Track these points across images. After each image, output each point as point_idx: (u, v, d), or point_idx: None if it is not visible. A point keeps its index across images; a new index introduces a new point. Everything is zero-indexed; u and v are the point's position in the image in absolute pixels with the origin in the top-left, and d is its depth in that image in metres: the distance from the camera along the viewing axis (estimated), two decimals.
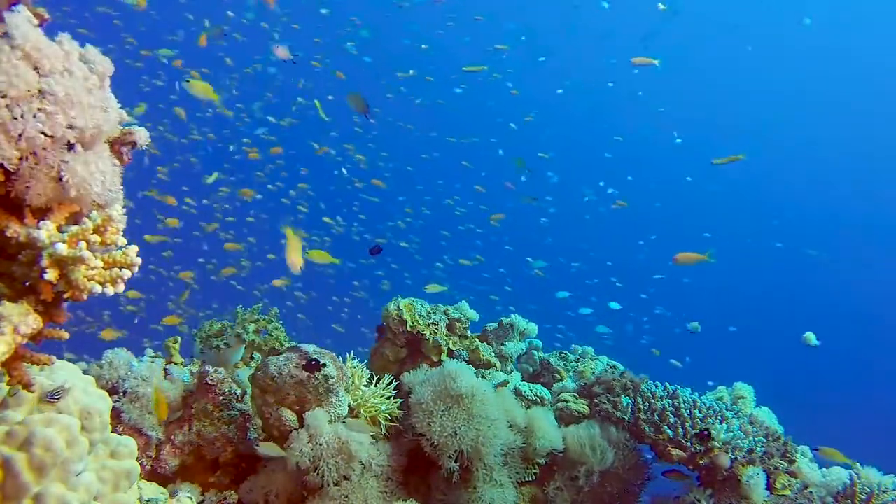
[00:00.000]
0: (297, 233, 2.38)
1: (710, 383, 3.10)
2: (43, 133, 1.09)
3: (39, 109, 1.08)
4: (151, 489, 2.06)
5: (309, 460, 2.17)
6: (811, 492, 2.64)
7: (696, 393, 2.73)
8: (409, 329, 2.75)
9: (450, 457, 2.32)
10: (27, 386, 1.26)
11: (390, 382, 2.51)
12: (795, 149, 17.76)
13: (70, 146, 1.14)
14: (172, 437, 2.27)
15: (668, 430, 2.56)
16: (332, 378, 2.26)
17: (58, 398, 1.34)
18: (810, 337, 3.73)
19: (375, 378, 2.55)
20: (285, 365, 2.23)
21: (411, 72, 9.87)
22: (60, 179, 1.14)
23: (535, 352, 3.26)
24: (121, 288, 1.19)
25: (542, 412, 2.65)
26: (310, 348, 2.32)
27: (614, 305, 6.41)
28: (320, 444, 2.17)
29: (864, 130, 17.28)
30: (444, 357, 2.76)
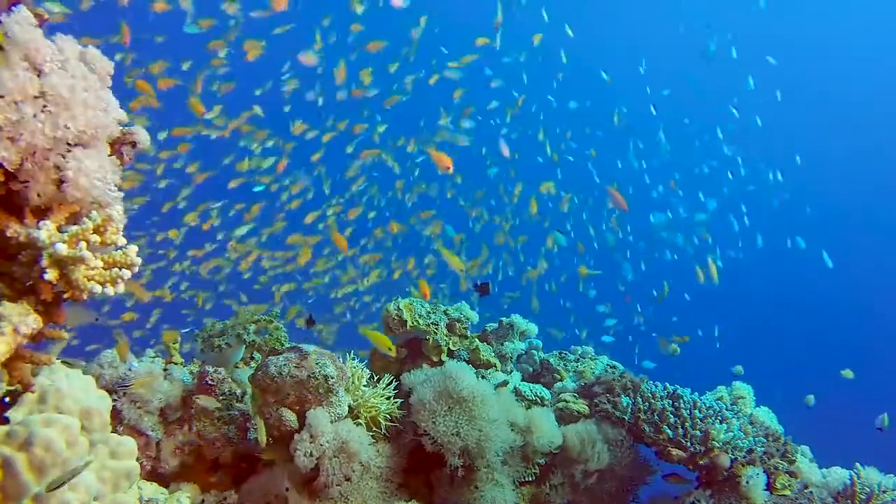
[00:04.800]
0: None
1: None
2: (43, 133, 1.09)
3: (39, 110, 1.09)
4: (151, 489, 2.07)
5: (312, 462, 2.17)
6: (811, 492, 2.65)
7: (696, 393, 2.73)
8: (408, 329, 2.75)
9: (454, 454, 2.32)
10: (27, 386, 1.26)
11: (390, 382, 2.51)
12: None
13: (70, 146, 1.14)
14: (172, 437, 2.27)
15: (668, 431, 2.56)
16: (332, 378, 2.26)
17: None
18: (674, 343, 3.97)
19: (375, 378, 2.55)
20: (285, 365, 2.23)
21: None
22: (60, 180, 1.14)
23: (535, 352, 3.26)
24: (121, 288, 1.19)
25: (543, 412, 2.65)
26: (310, 348, 2.32)
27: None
28: (321, 445, 2.18)
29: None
30: (444, 357, 2.76)
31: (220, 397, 2.36)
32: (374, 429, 2.41)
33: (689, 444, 2.54)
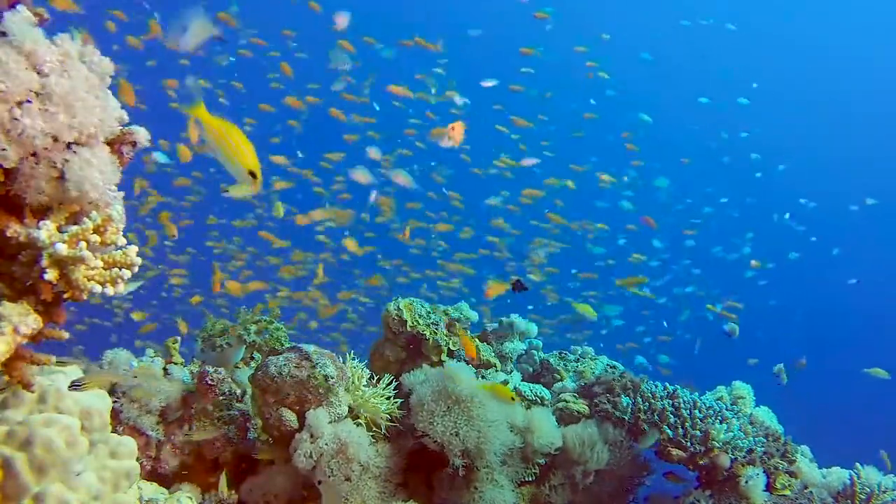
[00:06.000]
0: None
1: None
2: (43, 133, 1.09)
3: (39, 109, 1.09)
4: (151, 489, 2.07)
5: (312, 462, 2.17)
6: (811, 492, 2.64)
7: (696, 393, 2.73)
8: (408, 329, 2.75)
9: (455, 454, 2.32)
10: (27, 386, 1.26)
11: (390, 382, 2.51)
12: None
13: (70, 146, 1.14)
14: (172, 436, 2.27)
15: (668, 431, 2.56)
16: (332, 378, 2.26)
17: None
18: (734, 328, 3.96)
19: (375, 378, 2.55)
20: (285, 365, 2.23)
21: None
22: (60, 179, 1.14)
23: (535, 352, 3.26)
24: (121, 288, 1.19)
25: (543, 412, 2.65)
26: (310, 348, 2.32)
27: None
28: (321, 446, 2.18)
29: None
30: (444, 357, 2.76)
31: (220, 397, 2.36)
32: (374, 429, 2.41)
33: (689, 444, 2.54)
